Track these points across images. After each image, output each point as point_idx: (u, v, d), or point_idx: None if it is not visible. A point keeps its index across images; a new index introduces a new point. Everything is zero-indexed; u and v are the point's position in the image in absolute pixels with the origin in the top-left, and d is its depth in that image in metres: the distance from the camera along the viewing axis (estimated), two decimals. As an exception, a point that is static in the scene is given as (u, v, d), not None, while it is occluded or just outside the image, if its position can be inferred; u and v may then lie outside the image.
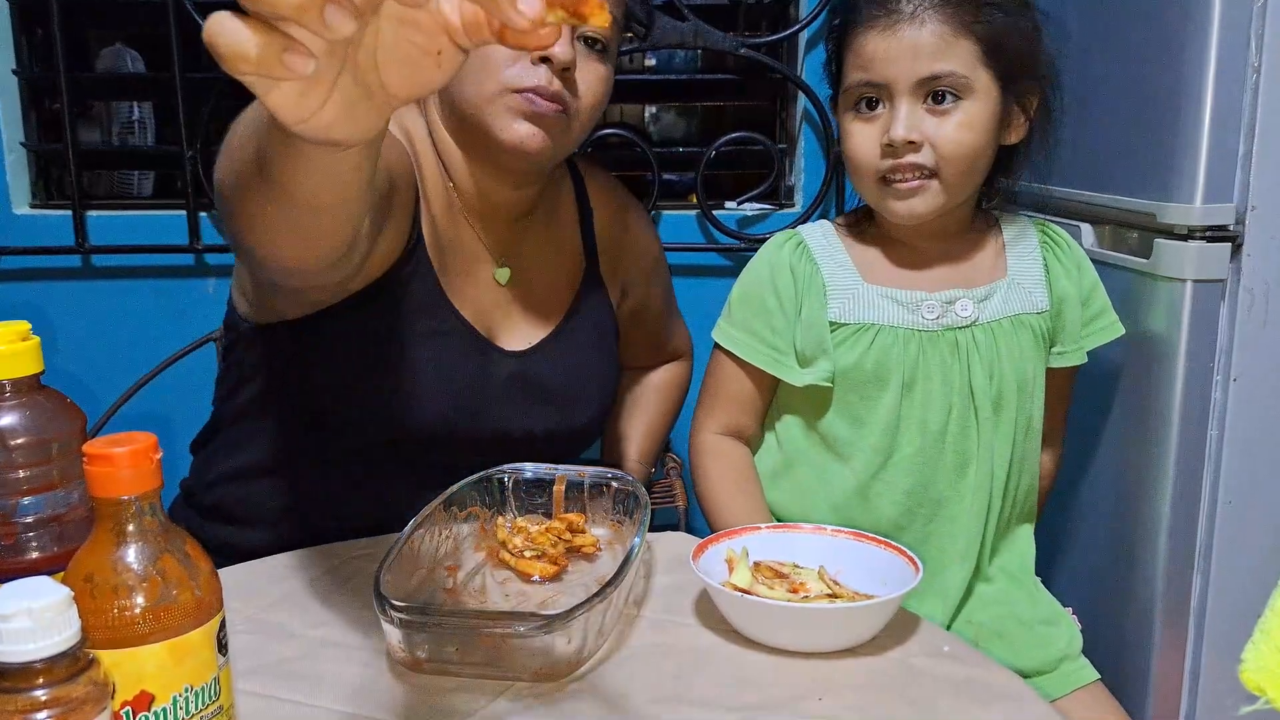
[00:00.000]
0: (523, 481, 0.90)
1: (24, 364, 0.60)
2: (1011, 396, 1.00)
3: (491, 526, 0.88)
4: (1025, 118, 0.99)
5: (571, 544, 0.87)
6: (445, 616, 0.69)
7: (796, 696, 0.68)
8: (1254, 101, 0.98)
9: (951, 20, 0.92)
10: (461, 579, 0.82)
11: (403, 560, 0.74)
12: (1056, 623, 1.04)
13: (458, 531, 0.85)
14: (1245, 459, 1.04)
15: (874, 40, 0.94)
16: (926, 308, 0.98)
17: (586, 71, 0.93)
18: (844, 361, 0.99)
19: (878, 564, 0.81)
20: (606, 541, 0.88)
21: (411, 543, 0.76)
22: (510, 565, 0.84)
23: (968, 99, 0.94)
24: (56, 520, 0.61)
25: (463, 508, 0.86)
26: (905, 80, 0.93)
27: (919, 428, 0.99)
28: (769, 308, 1.02)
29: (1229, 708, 1.08)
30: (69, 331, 1.63)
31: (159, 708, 0.50)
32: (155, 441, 0.52)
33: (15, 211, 1.62)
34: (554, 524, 0.88)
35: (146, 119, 1.74)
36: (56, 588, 0.45)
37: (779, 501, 1.06)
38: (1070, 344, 1.03)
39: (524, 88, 0.89)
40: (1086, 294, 1.04)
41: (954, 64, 0.92)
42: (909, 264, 1.02)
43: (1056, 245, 1.04)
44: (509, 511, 0.90)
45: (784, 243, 1.04)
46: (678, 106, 1.98)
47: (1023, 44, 0.95)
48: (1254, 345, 1.02)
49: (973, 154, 0.95)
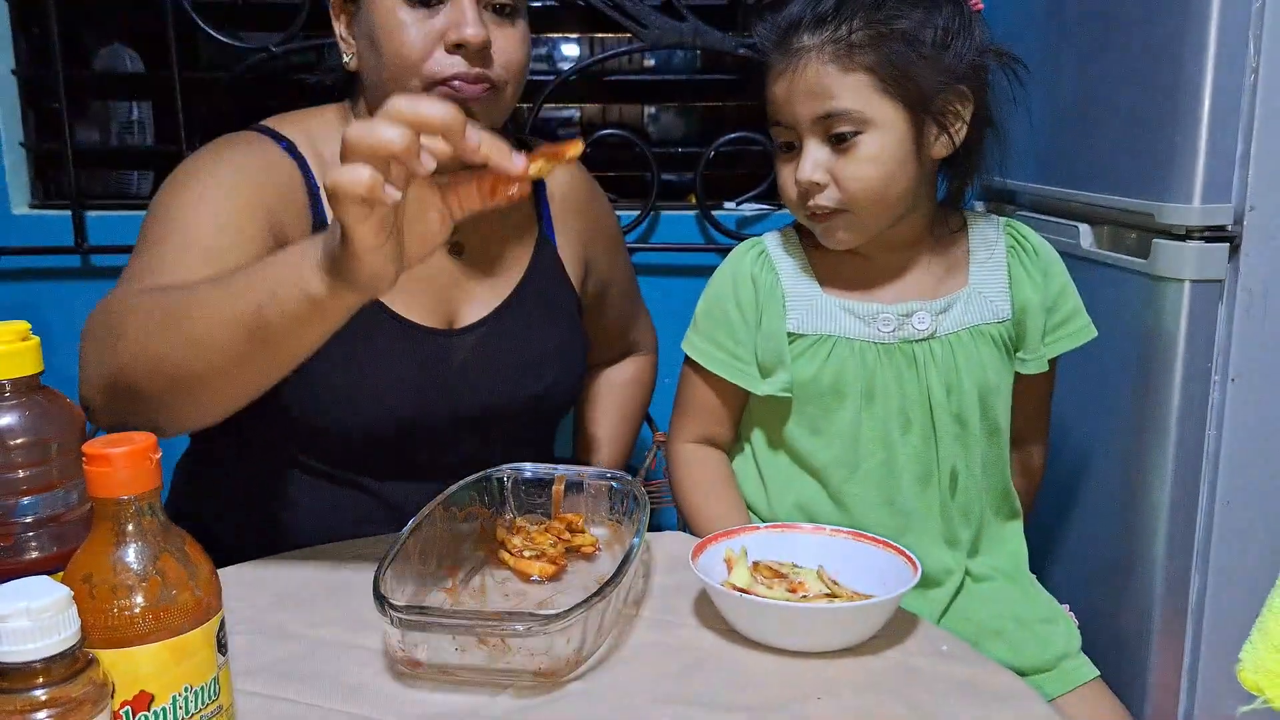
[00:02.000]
0: (522, 481, 0.90)
1: (23, 364, 0.60)
2: (974, 408, 0.99)
3: (491, 526, 0.88)
4: (945, 131, 0.95)
5: (570, 544, 0.87)
6: (444, 617, 0.69)
7: (795, 696, 0.68)
8: (1252, 102, 0.99)
9: (840, 58, 0.91)
10: (460, 579, 0.82)
11: (402, 560, 0.74)
12: (1055, 621, 1.04)
13: (457, 531, 0.85)
14: (1244, 459, 1.04)
15: (778, 85, 0.95)
16: (882, 320, 0.98)
17: (501, 39, 0.94)
18: (802, 374, 0.99)
19: (876, 564, 0.81)
20: (605, 542, 0.88)
21: (410, 543, 0.76)
22: (509, 565, 0.84)
23: (868, 132, 0.92)
24: (56, 520, 0.61)
25: (461, 507, 0.86)
26: (805, 121, 0.94)
27: (880, 441, 0.99)
28: (731, 319, 1.02)
29: (1227, 707, 1.08)
30: (68, 331, 1.62)
31: (158, 707, 0.50)
32: (154, 442, 0.52)
33: (14, 211, 1.62)
34: (553, 524, 0.88)
35: (145, 118, 1.74)
36: (56, 588, 0.45)
37: (758, 507, 1.06)
38: (1031, 353, 1.01)
39: (445, 78, 0.91)
40: (1053, 300, 1.01)
41: (846, 101, 0.92)
42: (868, 273, 1.02)
43: (1023, 250, 1.02)
44: (508, 511, 0.90)
45: (746, 251, 1.05)
46: (677, 106, 1.98)
47: (924, 62, 0.92)
48: (1252, 345, 1.03)
49: (880, 185, 0.94)
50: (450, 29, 0.90)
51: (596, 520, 0.90)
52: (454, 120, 0.61)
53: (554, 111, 2.07)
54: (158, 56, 1.62)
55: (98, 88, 1.73)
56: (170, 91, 1.55)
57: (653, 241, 1.68)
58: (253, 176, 0.93)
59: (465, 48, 0.90)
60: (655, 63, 1.95)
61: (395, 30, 0.91)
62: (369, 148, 0.60)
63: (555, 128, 2.10)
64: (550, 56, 2.14)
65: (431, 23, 0.90)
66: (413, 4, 0.91)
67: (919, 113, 0.93)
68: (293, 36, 1.54)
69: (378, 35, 0.92)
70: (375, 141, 0.60)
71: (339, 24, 0.99)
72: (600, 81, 1.79)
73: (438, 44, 0.90)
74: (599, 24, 1.61)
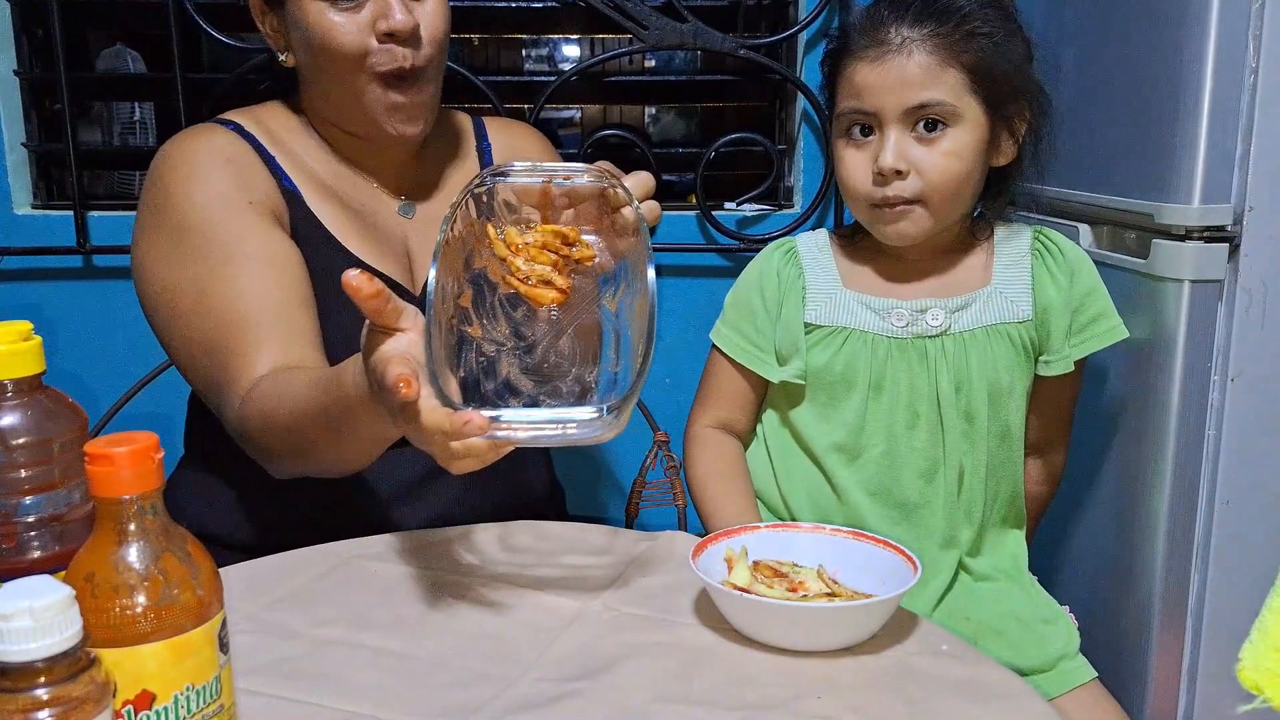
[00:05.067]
0: (507, 188, 0.83)
1: (25, 364, 0.60)
2: (982, 406, 1.01)
3: (482, 234, 0.82)
4: (1014, 140, 1.00)
5: (570, 257, 0.82)
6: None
7: (795, 695, 0.68)
8: (1252, 102, 0.99)
9: (939, 51, 0.94)
10: (473, 305, 0.80)
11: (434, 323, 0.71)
12: (1055, 621, 1.04)
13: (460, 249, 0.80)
14: (1243, 458, 1.04)
15: (864, 70, 0.96)
16: (896, 315, 1.01)
17: (423, 16, 0.99)
18: (815, 362, 1.03)
19: (876, 563, 0.81)
20: (600, 247, 0.83)
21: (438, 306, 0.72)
22: (519, 290, 0.80)
23: (955, 127, 0.96)
24: (58, 520, 0.61)
25: (450, 221, 0.79)
26: (894, 109, 0.95)
27: (885, 431, 1.02)
28: (755, 309, 1.06)
29: (1227, 707, 1.08)
30: (70, 332, 1.64)
31: (160, 707, 0.51)
32: (156, 441, 0.52)
33: (16, 212, 1.62)
34: (545, 234, 0.82)
35: (147, 119, 1.75)
36: (58, 587, 0.45)
37: (764, 491, 1.09)
38: (1055, 354, 1.02)
39: (386, 71, 0.98)
40: (1078, 301, 1.03)
41: (941, 93, 0.95)
42: (894, 275, 1.04)
43: (1049, 253, 1.03)
44: (496, 218, 0.83)
45: (777, 248, 1.08)
46: (677, 107, 1.98)
47: (1010, 70, 0.97)
48: (1251, 345, 1.03)
49: (959, 180, 0.97)
50: (379, 18, 0.96)
51: (584, 220, 0.83)
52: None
53: (554, 112, 2.08)
54: (160, 57, 1.62)
55: (100, 89, 1.73)
56: (172, 92, 1.56)
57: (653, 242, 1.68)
58: (238, 169, 1.00)
59: (396, 34, 0.96)
60: (656, 63, 1.95)
61: (329, 31, 0.96)
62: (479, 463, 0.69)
63: (556, 128, 2.11)
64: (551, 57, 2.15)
65: (359, 17, 0.97)
66: (339, 6, 0.96)
67: (995, 118, 0.97)
68: (294, 37, 1.54)
69: (312, 38, 0.97)
70: (478, 464, 0.69)
71: (264, 25, 1.03)
72: (601, 82, 1.79)
73: (369, 35, 0.97)
74: (599, 25, 1.61)
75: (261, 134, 1.04)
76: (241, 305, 0.92)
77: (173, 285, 0.95)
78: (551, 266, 0.81)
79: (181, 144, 1.01)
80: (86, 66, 1.71)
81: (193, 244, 0.95)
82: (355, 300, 0.68)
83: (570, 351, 0.81)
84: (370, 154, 1.07)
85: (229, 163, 0.99)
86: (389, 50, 0.97)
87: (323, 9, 0.96)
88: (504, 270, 0.82)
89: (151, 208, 0.98)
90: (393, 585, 0.84)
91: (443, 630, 0.76)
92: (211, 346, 0.93)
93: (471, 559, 0.89)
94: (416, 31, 0.98)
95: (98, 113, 1.76)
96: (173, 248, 0.96)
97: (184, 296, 0.94)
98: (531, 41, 2.08)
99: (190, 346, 0.95)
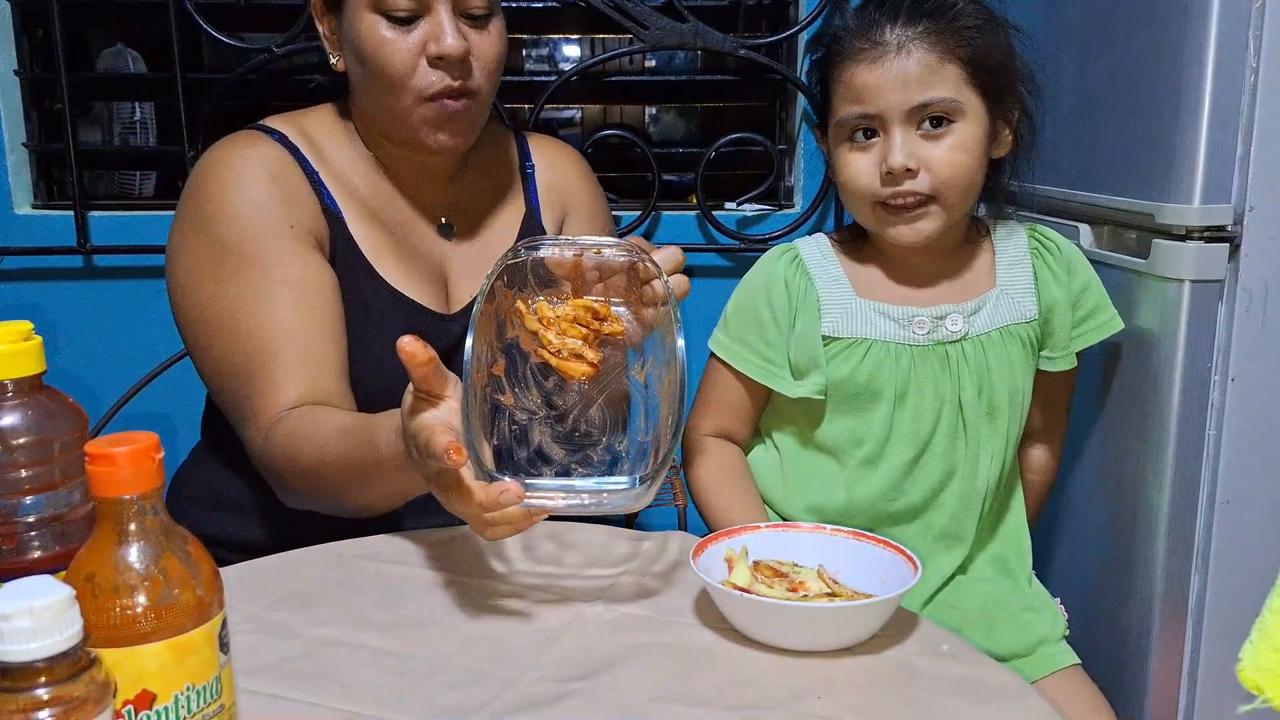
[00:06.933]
0: (540, 260, 0.83)
1: (26, 364, 0.60)
2: (1003, 407, 1.02)
3: (514, 307, 0.82)
4: (1010, 130, 1.01)
5: (600, 332, 0.82)
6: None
7: (796, 695, 0.68)
8: (1252, 102, 0.99)
9: (937, 47, 0.95)
10: (505, 374, 0.80)
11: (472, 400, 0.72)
12: (1040, 610, 1.05)
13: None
14: (1243, 458, 1.04)
15: (863, 73, 0.96)
16: (917, 324, 1.00)
17: (478, 42, 0.97)
18: (837, 375, 1.01)
19: (877, 563, 0.81)
20: (628, 319, 0.83)
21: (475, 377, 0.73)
22: (550, 363, 0.80)
23: (959, 121, 0.96)
24: (58, 520, 0.61)
25: (492, 300, 0.80)
26: (898, 109, 0.95)
27: (910, 439, 1.02)
28: (763, 320, 1.04)
29: (1227, 707, 1.08)
30: (71, 332, 1.64)
31: (160, 707, 0.51)
32: (157, 441, 0.52)
33: (17, 212, 1.62)
34: (577, 308, 0.82)
35: (147, 119, 1.75)
36: (58, 587, 0.45)
37: (774, 501, 1.08)
38: (1059, 349, 1.04)
39: (434, 94, 0.95)
40: (1076, 295, 1.04)
41: (943, 90, 0.95)
42: (902, 280, 1.04)
43: (1046, 250, 1.05)
44: (528, 290, 0.83)
45: (779, 256, 1.06)
46: (677, 107, 1.98)
47: (1003, 61, 0.98)
48: (1252, 345, 1.03)
49: (969, 174, 0.97)
50: (430, 41, 0.94)
51: (611, 292, 0.83)
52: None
53: (555, 112, 2.08)
54: (160, 57, 1.62)
55: (100, 89, 1.73)
56: (173, 92, 1.56)
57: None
58: (281, 185, 0.98)
59: (445, 59, 0.94)
60: (656, 63, 1.95)
61: (380, 47, 0.94)
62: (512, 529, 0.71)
63: (556, 128, 2.11)
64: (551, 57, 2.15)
65: (411, 37, 0.94)
66: (393, 23, 0.94)
67: (994, 110, 0.98)
68: (295, 37, 1.54)
69: (363, 51, 0.96)
70: (512, 530, 0.71)
71: (322, 26, 1.02)
72: (601, 82, 1.79)
73: (419, 57, 0.95)
74: (600, 25, 1.62)
75: (305, 145, 1.02)
76: (273, 332, 0.92)
77: (206, 302, 0.95)
78: (582, 340, 0.82)
79: (226, 152, 0.99)
80: (87, 66, 1.71)
81: (231, 265, 0.94)
82: (407, 366, 0.69)
83: (601, 421, 0.82)
84: (413, 167, 1.05)
85: (273, 179, 0.97)
86: (438, 74, 0.95)
87: (376, 22, 0.94)
88: (535, 343, 0.82)
89: (191, 219, 0.97)
90: (393, 585, 0.84)
91: (443, 630, 0.76)
92: (239, 370, 0.93)
93: (472, 559, 0.89)
94: (467, 57, 0.95)
95: (98, 113, 1.76)
96: (211, 264, 0.95)
97: (217, 315, 0.94)
98: (532, 41, 2.08)
99: (219, 365, 0.95)
